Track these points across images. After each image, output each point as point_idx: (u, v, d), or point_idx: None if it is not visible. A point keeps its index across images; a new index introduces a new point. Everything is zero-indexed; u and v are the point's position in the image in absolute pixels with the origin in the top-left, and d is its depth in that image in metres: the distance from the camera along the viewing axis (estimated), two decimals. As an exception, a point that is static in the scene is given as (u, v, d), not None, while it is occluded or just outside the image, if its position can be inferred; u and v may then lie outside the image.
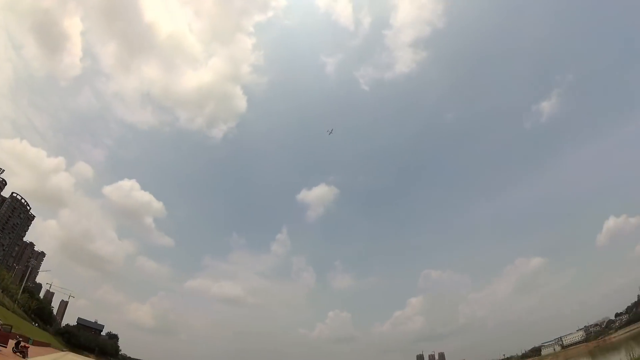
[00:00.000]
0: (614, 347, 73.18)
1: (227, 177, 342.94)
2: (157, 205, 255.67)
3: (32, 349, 41.58)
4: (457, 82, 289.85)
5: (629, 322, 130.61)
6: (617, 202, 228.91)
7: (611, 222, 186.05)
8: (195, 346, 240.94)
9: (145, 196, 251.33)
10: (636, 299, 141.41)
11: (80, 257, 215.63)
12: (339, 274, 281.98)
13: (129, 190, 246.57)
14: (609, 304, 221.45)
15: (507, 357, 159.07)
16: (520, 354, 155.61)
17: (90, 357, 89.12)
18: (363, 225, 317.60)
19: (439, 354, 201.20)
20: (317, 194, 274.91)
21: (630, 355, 28.39)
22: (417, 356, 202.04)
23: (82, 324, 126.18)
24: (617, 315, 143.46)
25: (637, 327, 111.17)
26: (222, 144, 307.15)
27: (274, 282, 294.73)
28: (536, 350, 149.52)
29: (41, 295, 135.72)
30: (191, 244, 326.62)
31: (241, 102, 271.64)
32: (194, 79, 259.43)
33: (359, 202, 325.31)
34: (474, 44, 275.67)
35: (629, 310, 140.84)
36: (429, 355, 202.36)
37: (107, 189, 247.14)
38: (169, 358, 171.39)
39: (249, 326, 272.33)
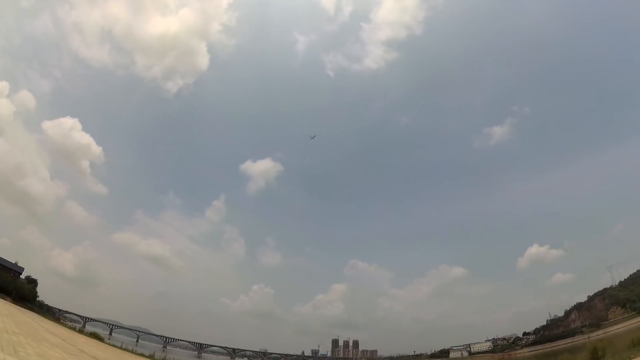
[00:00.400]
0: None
1: (174, 134, 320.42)
2: (97, 149, 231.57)
3: None
4: (419, 90, 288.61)
5: (534, 343, 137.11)
6: (543, 233, 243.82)
7: (534, 250, 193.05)
8: (114, 301, 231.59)
9: (86, 138, 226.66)
10: (545, 323, 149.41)
11: (7, 192, 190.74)
12: (269, 250, 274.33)
13: (69, 129, 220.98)
14: (519, 323, 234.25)
15: (417, 354, 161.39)
16: (429, 353, 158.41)
17: (6, 300, 75.99)
18: (300, 207, 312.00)
19: (353, 341, 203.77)
20: (261, 168, 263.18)
21: None
22: (333, 340, 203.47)
23: (1, 264, 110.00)
24: (524, 334, 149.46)
25: (542, 349, 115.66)
26: (174, 98, 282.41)
27: (203, 247, 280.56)
28: (445, 352, 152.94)
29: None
30: (125, 195, 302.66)
31: (203, 60, 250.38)
32: (161, 25, 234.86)
33: (301, 183, 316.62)
34: (444, 57, 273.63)
35: (536, 331, 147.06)
36: (344, 341, 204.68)
37: (47, 124, 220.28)
38: (87, 309, 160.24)
39: (172, 288, 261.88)
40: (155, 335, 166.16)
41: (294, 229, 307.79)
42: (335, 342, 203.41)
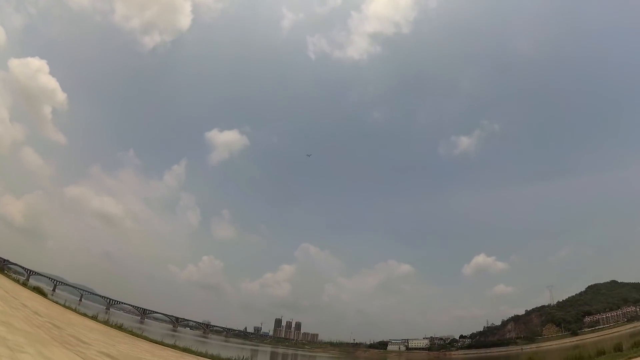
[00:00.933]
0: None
1: (143, 91, 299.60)
2: (61, 96, 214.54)
3: None
4: (395, 88, 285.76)
5: (469, 346, 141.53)
6: (492, 244, 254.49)
7: (480, 259, 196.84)
8: (61, 256, 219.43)
9: (52, 83, 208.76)
10: (482, 329, 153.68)
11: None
12: (223, 223, 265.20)
13: (36, 70, 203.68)
14: (457, 326, 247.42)
15: (357, 343, 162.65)
16: (368, 343, 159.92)
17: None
18: (261, 184, 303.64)
19: (296, 322, 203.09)
20: (227, 139, 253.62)
21: None
22: (276, 320, 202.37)
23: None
24: (461, 336, 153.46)
25: (476, 353, 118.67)
26: (149, 54, 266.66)
27: (157, 212, 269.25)
28: (383, 345, 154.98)
29: None
30: (84, 148, 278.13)
31: (185, 20, 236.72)
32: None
33: (265, 160, 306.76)
34: (425, 61, 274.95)
35: (472, 336, 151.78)
36: (287, 322, 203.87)
37: (14, 63, 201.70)
38: (32, 262, 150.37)
39: (121, 250, 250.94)
40: (99, 295, 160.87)
41: (251, 205, 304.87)
42: (278, 322, 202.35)
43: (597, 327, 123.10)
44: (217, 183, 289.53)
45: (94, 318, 37.17)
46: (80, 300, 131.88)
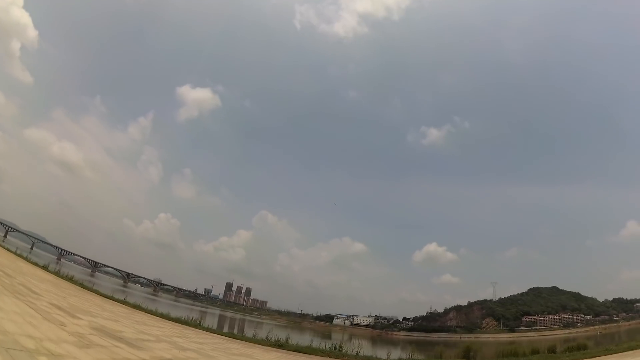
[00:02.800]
0: (393, 342, 72.39)
1: (119, 36, 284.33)
2: (33, 33, 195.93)
3: None
4: (375, 72, 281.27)
5: (411, 329, 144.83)
6: (444, 235, 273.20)
7: (432, 247, 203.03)
8: (15, 201, 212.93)
9: (25, 18, 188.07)
10: (424, 314, 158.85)
11: None
12: (185, 182, 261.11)
13: (9, 2, 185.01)
14: (401, 308, 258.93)
15: (304, 313, 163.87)
16: (315, 315, 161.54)
17: None
18: (227, 147, 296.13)
19: (246, 288, 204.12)
20: (199, 96, 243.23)
21: (408, 354, 28.09)
22: (227, 284, 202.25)
23: None
24: (404, 318, 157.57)
25: (416, 336, 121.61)
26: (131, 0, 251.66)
27: (118, 163, 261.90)
28: (329, 318, 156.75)
29: None
30: (50, 89, 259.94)
31: None
32: None
33: (234, 124, 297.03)
34: (409, 50, 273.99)
35: (415, 320, 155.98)
36: (238, 287, 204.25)
37: None
38: None
39: (77, 199, 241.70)
40: (51, 245, 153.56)
41: (215, 167, 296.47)
42: (229, 286, 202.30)
43: (533, 328, 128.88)
44: (182, 141, 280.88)
45: (45, 268, 36.43)
46: (32, 248, 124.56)
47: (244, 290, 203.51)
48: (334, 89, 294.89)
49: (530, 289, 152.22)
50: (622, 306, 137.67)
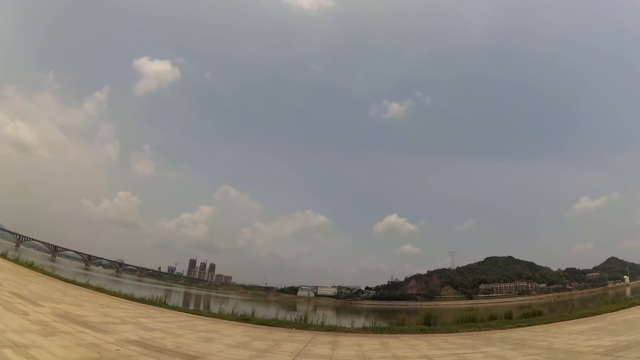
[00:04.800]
0: (356, 311, 74.43)
1: (73, 6, 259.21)
2: None
3: None
4: (339, 45, 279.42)
5: (373, 297, 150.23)
6: (404, 207, 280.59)
7: (392, 219, 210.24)
8: None
9: None
10: (386, 283, 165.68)
11: None
12: (144, 158, 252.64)
13: None
14: (363, 278, 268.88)
15: (269, 286, 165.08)
16: (280, 287, 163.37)
17: None
18: (187, 121, 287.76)
19: (210, 264, 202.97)
20: (157, 69, 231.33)
21: (371, 322, 27.24)
22: (191, 260, 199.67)
23: None
24: (367, 288, 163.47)
25: (379, 304, 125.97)
26: None
27: (74, 142, 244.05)
28: (294, 290, 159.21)
29: None
30: (3, 62, 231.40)
31: None
32: None
33: (194, 97, 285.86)
34: (374, 24, 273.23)
35: (377, 289, 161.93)
36: (202, 263, 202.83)
37: None
38: None
39: (34, 181, 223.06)
40: (8, 231, 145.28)
41: (175, 142, 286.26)
42: (192, 263, 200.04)
43: (490, 295, 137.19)
44: (140, 115, 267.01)
45: (3, 256, 35.04)
46: None
47: (208, 267, 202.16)
48: (297, 61, 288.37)
49: (487, 259, 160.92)
50: (575, 276, 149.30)
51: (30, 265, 32.98)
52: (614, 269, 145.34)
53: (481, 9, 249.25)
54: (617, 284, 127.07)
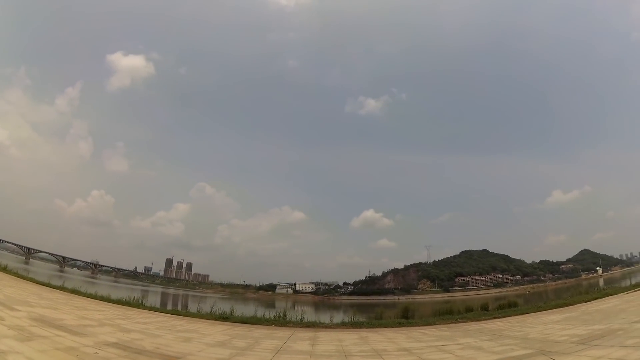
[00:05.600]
0: (335, 307, 74.79)
1: (42, 1, 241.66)
2: None
3: None
4: (315, 40, 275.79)
5: (352, 292, 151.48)
6: (380, 202, 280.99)
7: (369, 214, 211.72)
8: None
9: None
10: (364, 278, 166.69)
11: None
12: (117, 156, 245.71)
13: None
14: (341, 273, 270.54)
15: (247, 284, 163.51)
16: (258, 285, 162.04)
17: None
18: (162, 118, 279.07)
19: (187, 263, 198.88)
20: (131, 64, 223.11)
21: (350, 317, 28.17)
22: (167, 260, 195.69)
23: None
24: (345, 283, 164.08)
25: (357, 299, 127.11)
26: None
27: (46, 139, 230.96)
28: (272, 287, 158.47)
29: None
30: None
31: None
32: None
33: (169, 93, 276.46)
34: (353, 20, 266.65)
35: (355, 284, 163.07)
36: (178, 262, 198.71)
37: None
38: None
39: (5, 183, 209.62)
40: None
41: (149, 139, 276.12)
42: (169, 262, 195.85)
43: (467, 288, 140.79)
44: (113, 112, 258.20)
45: None
46: None
47: (184, 266, 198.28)
48: (274, 56, 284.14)
49: (462, 252, 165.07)
50: (549, 267, 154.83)
51: (4, 269, 32.75)
52: (586, 260, 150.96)
53: (455, 5, 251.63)
54: (591, 275, 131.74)
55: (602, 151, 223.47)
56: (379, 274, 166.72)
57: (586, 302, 22.76)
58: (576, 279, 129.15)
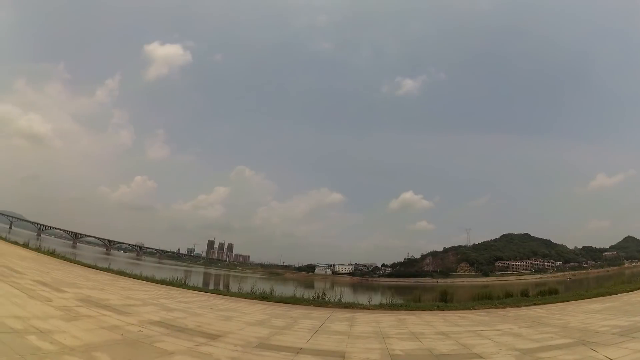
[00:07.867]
0: (373, 288, 75.38)
1: None
2: None
3: None
4: (346, 22, 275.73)
5: (390, 275, 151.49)
6: (420, 184, 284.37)
7: (408, 195, 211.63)
8: None
9: None
10: (402, 260, 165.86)
11: None
12: (158, 142, 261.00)
13: None
14: (378, 254, 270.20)
15: (286, 265, 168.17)
16: (297, 265, 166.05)
17: None
18: (200, 104, 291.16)
19: (228, 244, 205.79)
20: (168, 53, 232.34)
21: (388, 299, 28.04)
22: (209, 241, 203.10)
23: None
24: (383, 265, 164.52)
25: (395, 281, 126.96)
26: None
27: (87, 130, 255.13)
28: (311, 268, 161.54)
29: None
30: (8, 59, 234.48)
31: None
32: None
33: (206, 79, 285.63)
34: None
35: (393, 265, 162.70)
36: (220, 244, 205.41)
37: None
38: None
39: (50, 171, 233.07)
40: (29, 222, 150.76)
41: (188, 125, 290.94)
42: (211, 244, 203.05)
43: (506, 272, 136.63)
44: (153, 100, 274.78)
45: (25, 246, 36.18)
46: (10, 228, 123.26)
47: (226, 247, 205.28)
48: (306, 40, 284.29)
49: (503, 235, 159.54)
50: (591, 254, 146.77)
51: (52, 253, 33.93)
52: (630, 248, 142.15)
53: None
54: (634, 264, 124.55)
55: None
56: (418, 256, 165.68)
57: (629, 292, 21.62)
58: (619, 267, 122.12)
